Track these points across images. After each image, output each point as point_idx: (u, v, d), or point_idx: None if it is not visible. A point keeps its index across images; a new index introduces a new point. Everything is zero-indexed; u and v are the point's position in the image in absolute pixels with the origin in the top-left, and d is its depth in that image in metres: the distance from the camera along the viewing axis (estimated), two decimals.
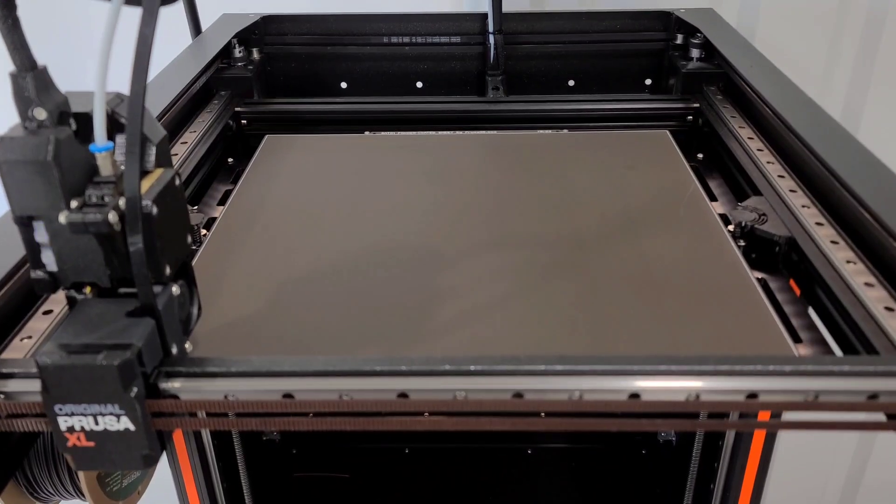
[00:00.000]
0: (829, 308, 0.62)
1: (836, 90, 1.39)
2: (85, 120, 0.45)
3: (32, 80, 0.43)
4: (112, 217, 0.43)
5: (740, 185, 0.84)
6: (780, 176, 0.76)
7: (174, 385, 0.46)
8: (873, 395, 0.46)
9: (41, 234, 0.45)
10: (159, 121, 0.83)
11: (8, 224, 0.47)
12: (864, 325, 0.57)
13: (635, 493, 1.13)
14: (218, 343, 0.57)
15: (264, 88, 1.10)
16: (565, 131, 1.00)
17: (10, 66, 0.43)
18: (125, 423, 0.45)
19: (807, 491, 1.81)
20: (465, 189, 0.84)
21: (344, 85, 1.15)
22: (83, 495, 0.66)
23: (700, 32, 1.05)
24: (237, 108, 1.01)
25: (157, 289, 0.46)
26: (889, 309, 0.57)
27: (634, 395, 0.46)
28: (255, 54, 1.11)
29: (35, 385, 0.45)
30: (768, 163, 0.79)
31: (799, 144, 0.76)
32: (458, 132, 0.99)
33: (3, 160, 0.43)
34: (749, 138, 0.85)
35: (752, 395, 0.46)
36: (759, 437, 0.75)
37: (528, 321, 0.60)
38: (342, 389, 0.46)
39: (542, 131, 1.00)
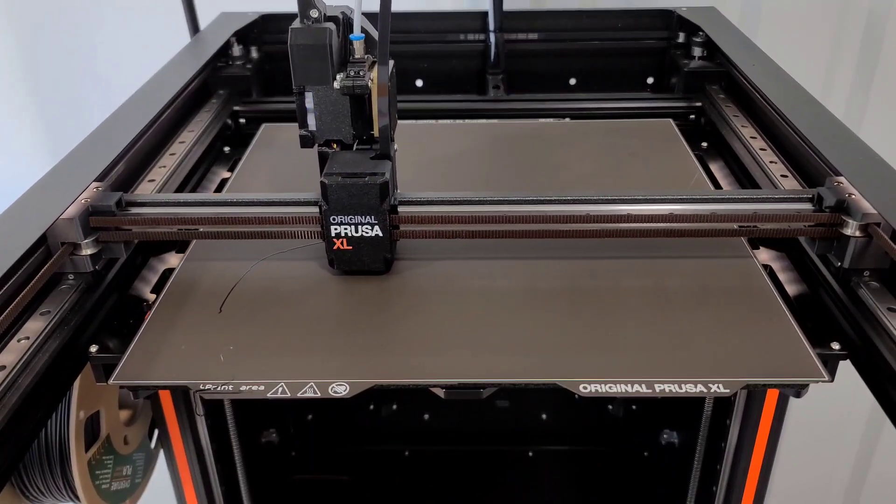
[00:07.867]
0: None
1: (839, 88, 1.38)
2: (335, 21, 0.64)
3: None
4: (369, 84, 0.62)
5: (742, 184, 0.83)
6: (782, 175, 0.75)
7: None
8: (754, 212, 0.65)
9: (309, 102, 0.64)
10: (157, 120, 0.84)
11: None
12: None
13: (637, 496, 1.12)
14: None
15: (263, 87, 1.09)
16: (567, 119, 0.99)
17: None
18: (377, 231, 0.63)
19: (810, 493, 1.80)
20: (464, 172, 0.84)
21: None
22: (76, 497, 0.66)
23: (702, 31, 1.05)
24: (235, 107, 1.01)
25: None
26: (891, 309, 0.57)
27: (592, 214, 0.66)
28: (254, 53, 1.10)
29: (169, 209, 0.66)
30: (771, 162, 0.78)
31: (801, 143, 0.75)
32: (458, 120, 0.98)
33: (293, 44, 0.62)
34: (752, 137, 0.84)
35: (672, 213, 0.65)
36: (761, 439, 0.74)
37: None
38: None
39: (544, 119, 0.99)
